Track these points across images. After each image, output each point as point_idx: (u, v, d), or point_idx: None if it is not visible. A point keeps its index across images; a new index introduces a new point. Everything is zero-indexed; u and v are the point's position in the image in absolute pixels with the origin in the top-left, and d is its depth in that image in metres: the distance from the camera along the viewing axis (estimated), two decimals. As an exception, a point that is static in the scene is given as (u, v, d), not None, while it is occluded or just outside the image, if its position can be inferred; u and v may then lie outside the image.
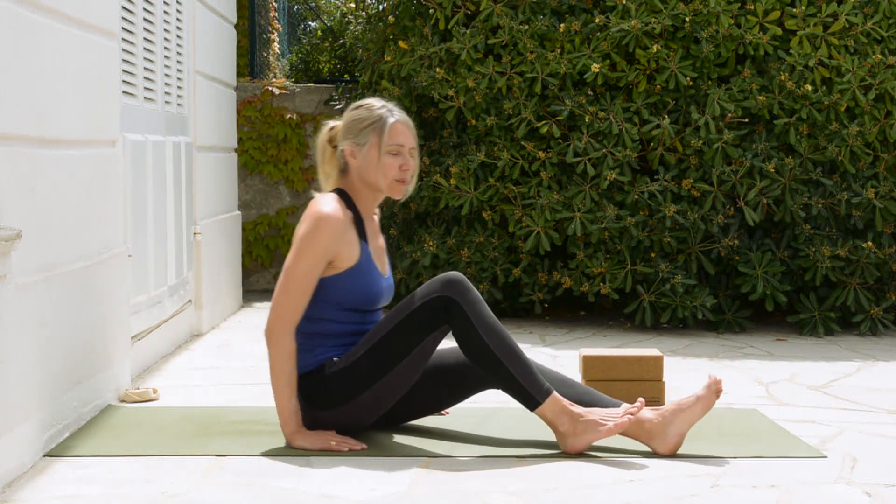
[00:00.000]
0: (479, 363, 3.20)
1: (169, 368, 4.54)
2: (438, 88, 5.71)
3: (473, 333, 3.18)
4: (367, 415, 3.29)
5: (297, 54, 9.22)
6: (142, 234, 4.33)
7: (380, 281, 3.33)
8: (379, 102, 3.37)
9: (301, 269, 3.22)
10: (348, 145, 3.33)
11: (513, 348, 3.19)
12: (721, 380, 3.21)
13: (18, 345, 2.96)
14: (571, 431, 3.17)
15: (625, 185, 5.53)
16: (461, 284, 3.20)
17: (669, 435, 3.18)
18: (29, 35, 3.12)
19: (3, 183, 2.92)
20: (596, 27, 5.59)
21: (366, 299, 3.30)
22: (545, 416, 3.18)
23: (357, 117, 3.35)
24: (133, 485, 2.87)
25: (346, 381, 3.23)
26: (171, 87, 4.97)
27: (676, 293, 5.45)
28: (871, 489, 2.87)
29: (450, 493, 2.81)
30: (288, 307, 3.23)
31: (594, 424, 3.17)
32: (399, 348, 3.21)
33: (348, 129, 3.35)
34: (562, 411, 3.18)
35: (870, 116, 5.58)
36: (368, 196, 3.37)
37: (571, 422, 3.17)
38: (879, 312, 5.53)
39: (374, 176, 3.31)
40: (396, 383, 3.25)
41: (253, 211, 7.32)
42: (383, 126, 3.31)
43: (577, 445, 3.17)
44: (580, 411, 3.18)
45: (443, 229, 5.88)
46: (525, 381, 3.18)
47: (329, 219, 3.22)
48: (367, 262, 3.30)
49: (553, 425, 3.19)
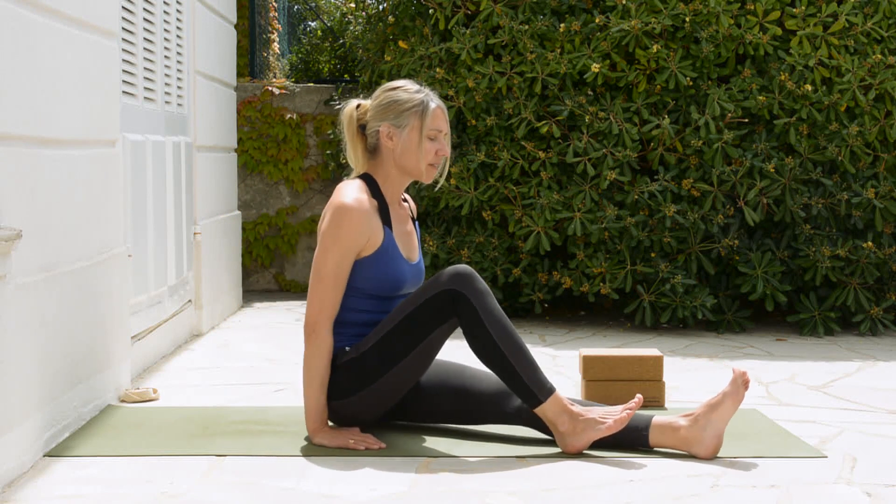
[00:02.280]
0: (483, 356, 3.19)
1: (169, 368, 4.54)
2: (438, 88, 5.71)
3: (479, 325, 3.16)
4: (377, 406, 3.28)
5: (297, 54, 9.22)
6: (142, 234, 4.33)
7: (403, 266, 3.30)
8: (415, 86, 3.33)
9: (330, 262, 3.20)
10: (386, 127, 3.29)
11: (518, 343, 3.17)
12: (746, 371, 3.17)
13: (18, 345, 2.96)
14: (571, 430, 3.16)
15: (625, 185, 5.53)
16: (469, 276, 3.18)
17: (707, 438, 3.14)
18: (29, 35, 3.12)
19: (3, 183, 2.92)
20: (596, 27, 5.59)
21: (389, 285, 3.27)
22: (545, 414, 3.17)
23: (396, 99, 3.29)
24: (133, 485, 2.87)
25: (355, 372, 3.23)
26: (171, 87, 4.97)
27: (676, 293, 5.45)
28: (871, 489, 2.87)
29: (450, 493, 2.81)
30: (325, 300, 3.20)
31: (593, 423, 3.16)
32: (407, 341, 3.20)
33: (386, 110, 3.29)
34: (562, 410, 3.17)
35: (870, 116, 5.58)
36: (397, 179, 3.33)
37: (571, 421, 3.16)
38: (879, 312, 5.53)
39: (412, 160, 3.28)
40: (405, 375, 3.24)
41: (253, 211, 7.32)
42: (426, 110, 3.28)
43: (577, 445, 3.16)
44: (580, 410, 3.17)
45: (443, 229, 5.88)
46: (528, 378, 3.16)
47: (351, 211, 3.19)
48: (391, 248, 3.27)
49: (553, 424, 3.18)
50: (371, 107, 3.33)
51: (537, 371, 3.18)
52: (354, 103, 3.37)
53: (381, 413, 3.34)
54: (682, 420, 3.17)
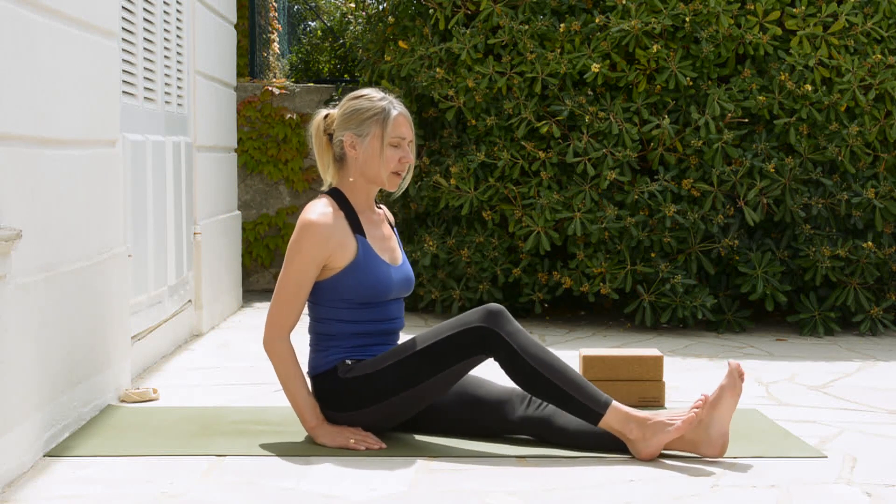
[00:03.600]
0: (532, 390, 3.18)
1: (169, 368, 4.54)
2: (438, 88, 5.71)
3: (519, 361, 3.15)
4: (383, 422, 3.29)
5: (297, 54, 9.22)
6: (142, 234, 4.33)
7: (385, 270, 3.30)
8: (379, 93, 3.34)
9: (290, 277, 3.23)
10: (349, 136, 3.30)
11: (562, 368, 3.16)
12: (739, 363, 3.16)
13: (18, 345, 2.96)
14: (641, 437, 3.12)
15: (625, 185, 5.53)
16: (501, 316, 3.18)
17: (713, 436, 3.13)
18: (29, 35, 3.12)
19: (3, 183, 2.92)
20: (596, 27, 5.59)
21: (375, 291, 3.27)
22: (611, 426, 3.14)
23: (358, 107, 3.30)
24: (133, 485, 2.87)
25: (366, 388, 3.22)
26: (171, 87, 4.97)
27: (676, 293, 5.45)
28: (871, 489, 2.87)
29: (450, 493, 2.81)
30: (279, 316, 3.24)
31: (662, 426, 3.12)
32: (429, 368, 3.19)
33: (349, 119, 3.30)
34: (626, 418, 3.13)
35: (870, 116, 5.58)
36: (364, 188, 3.34)
37: (640, 427, 3.13)
38: (879, 312, 5.53)
39: (374, 168, 3.29)
40: (417, 399, 3.24)
41: (253, 211, 7.33)
42: (387, 118, 3.28)
43: (649, 450, 3.12)
44: (646, 415, 3.14)
45: (443, 229, 5.88)
46: (582, 398, 3.13)
47: (313, 226, 3.21)
48: (367, 253, 3.27)
49: (621, 434, 3.14)
50: (336, 116, 3.35)
51: (588, 388, 3.15)
52: (323, 113, 3.38)
53: (387, 428, 3.34)
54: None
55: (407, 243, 5.99)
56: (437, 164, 5.89)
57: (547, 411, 3.25)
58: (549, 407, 3.25)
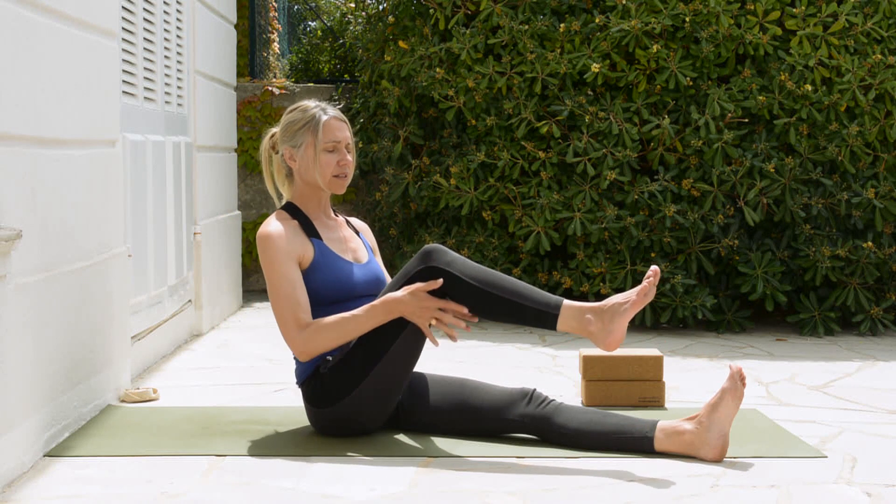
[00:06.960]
0: (487, 312, 3.18)
1: (169, 368, 4.54)
2: (438, 88, 5.71)
3: (465, 286, 3.17)
4: (370, 407, 3.28)
5: (297, 54, 9.22)
6: (142, 234, 4.33)
7: (347, 267, 3.35)
8: (313, 103, 3.42)
9: (277, 279, 3.27)
10: (286, 149, 3.40)
11: (508, 281, 3.17)
12: (741, 367, 3.16)
13: (18, 345, 2.96)
14: (601, 326, 3.11)
15: (625, 185, 5.53)
16: (436, 251, 3.22)
17: (713, 439, 3.12)
18: (29, 35, 3.12)
19: (3, 183, 2.92)
20: (596, 27, 5.59)
21: (340, 286, 3.32)
22: (569, 324, 3.12)
23: (291, 120, 3.40)
24: (133, 485, 2.87)
25: (342, 375, 3.24)
26: (171, 87, 4.98)
27: (676, 293, 5.45)
28: (871, 489, 2.87)
29: (450, 493, 2.81)
30: (287, 309, 3.25)
31: (617, 307, 3.11)
32: (389, 331, 3.21)
33: (285, 133, 3.41)
34: (581, 311, 3.12)
35: (870, 116, 5.58)
36: (312, 195, 3.42)
37: (597, 317, 3.11)
38: (879, 312, 5.53)
39: (313, 175, 3.37)
40: (392, 370, 3.24)
41: (253, 211, 7.32)
42: (317, 125, 3.36)
43: (614, 336, 3.10)
44: (598, 304, 3.13)
45: (443, 229, 5.88)
46: (535, 304, 3.14)
47: (269, 235, 3.29)
48: (324, 254, 3.33)
49: (581, 330, 3.12)
50: (277, 133, 3.45)
51: (537, 293, 3.16)
52: (270, 132, 3.49)
53: (382, 417, 3.34)
54: (686, 424, 3.16)
55: (407, 243, 5.99)
56: (437, 164, 5.89)
57: (547, 410, 3.25)
58: (549, 406, 3.25)
